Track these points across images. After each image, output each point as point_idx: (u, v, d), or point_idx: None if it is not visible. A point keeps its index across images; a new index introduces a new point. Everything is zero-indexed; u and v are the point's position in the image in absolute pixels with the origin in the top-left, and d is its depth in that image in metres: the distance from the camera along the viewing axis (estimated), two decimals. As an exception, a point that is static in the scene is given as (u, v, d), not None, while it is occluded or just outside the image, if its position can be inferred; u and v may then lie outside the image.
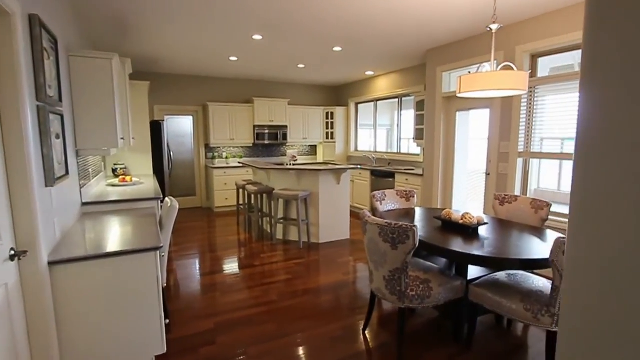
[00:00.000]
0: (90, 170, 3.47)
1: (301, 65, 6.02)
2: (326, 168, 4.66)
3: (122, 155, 5.08)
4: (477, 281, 2.41)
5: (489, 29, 2.62)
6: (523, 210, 3.12)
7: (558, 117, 3.70)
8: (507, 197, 3.26)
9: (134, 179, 4.14)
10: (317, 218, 4.80)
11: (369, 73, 6.79)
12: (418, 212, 3.25)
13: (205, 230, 5.53)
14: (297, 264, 4.01)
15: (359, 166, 4.93)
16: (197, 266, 3.98)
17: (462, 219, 2.67)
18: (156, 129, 5.29)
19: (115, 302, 1.90)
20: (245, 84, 7.40)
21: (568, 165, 4.67)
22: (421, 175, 5.28)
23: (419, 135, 5.70)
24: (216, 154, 7.19)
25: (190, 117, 7.05)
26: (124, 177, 4.02)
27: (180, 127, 7.00)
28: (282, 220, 4.92)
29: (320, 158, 8.31)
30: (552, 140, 3.80)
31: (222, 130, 6.92)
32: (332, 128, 7.99)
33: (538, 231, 2.65)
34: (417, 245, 2.15)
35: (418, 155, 6.17)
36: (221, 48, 4.83)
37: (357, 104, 7.93)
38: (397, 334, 2.51)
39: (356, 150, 8.01)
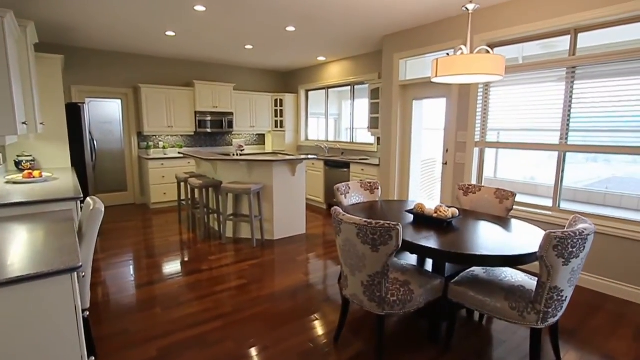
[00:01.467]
0: (-20, 163, 2.70)
1: (249, 46, 5.49)
2: (281, 159, 4.28)
3: (29, 145, 4.18)
4: (456, 279, 2.25)
5: (465, 9, 2.44)
6: (487, 200, 3.05)
7: (510, 109, 3.72)
8: (470, 187, 3.18)
9: (44, 174, 3.37)
10: (272, 213, 4.41)
11: (321, 59, 6.46)
12: (385, 206, 3.04)
13: (140, 230, 4.84)
14: (251, 266, 3.61)
15: (315, 156, 4.62)
16: (132, 276, 3.38)
17: (435, 213, 2.50)
18: (74, 113, 4.44)
19: (17, 344, 1.37)
20: (185, 65, 6.63)
21: (508, 154, 4.83)
22: (377, 165, 5.13)
23: (373, 124, 5.54)
24: (151, 144, 6.38)
25: (118, 101, 6.13)
26: (30, 171, 3.25)
27: (106, 111, 6.06)
28: (232, 217, 4.45)
29: (269, 148, 7.85)
30: (507, 132, 3.84)
31: (158, 117, 6.14)
32: (281, 116, 7.56)
33: (504, 222, 2.57)
34: (400, 246, 1.90)
35: (372, 144, 6.03)
36: (156, 19, 4.14)
37: (307, 91, 7.57)
38: (376, 345, 2.28)
39: (307, 139, 7.69)
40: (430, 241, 2.10)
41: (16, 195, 2.64)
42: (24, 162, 3.95)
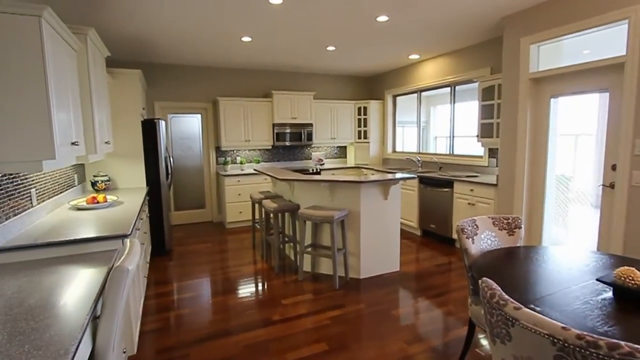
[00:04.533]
0: (33, 190, 2.37)
1: (331, 48, 4.80)
2: (371, 179, 3.41)
3: (105, 164, 4.01)
4: None
5: None
6: None
7: None
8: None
9: (108, 198, 3.04)
10: (358, 245, 3.56)
11: (414, 57, 5.49)
12: (542, 260, 1.95)
13: (212, 256, 4.40)
14: (333, 320, 2.79)
15: (415, 176, 3.67)
16: (190, 324, 2.82)
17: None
18: (150, 130, 4.20)
19: None
20: (263, 75, 6.25)
21: None
22: (494, 185, 3.94)
23: (485, 132, 4.36)
24: (229, 159, 6.08)
25: (198, 116, 5.96)
26: (94, 196, 2.92)
27: (187, 127, 5.93)
28: (310, 249, 3.72)
29: (351, 161, 7.06)
30: None
31: (236, 131, 5.79)
32: (365, 126, 6.73)
33: None
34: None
35: (481, 157, 4.82)
36: (230, 20, 3.67)
37: (395, 97, 6.63)
38: None
39: (394, 151, 6.72)
40: None
41: (68, 224, 2.24)
42: (99, 182, 3.76)
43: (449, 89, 5.40)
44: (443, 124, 7.16)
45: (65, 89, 2.14)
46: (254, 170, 4.71)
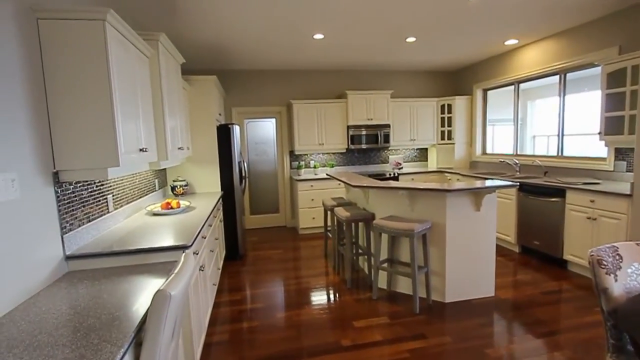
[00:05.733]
0: (110, 196, 2.43)
1: (411, 39, 4.33)
2: (461, 187, 2.88)
3: (183, 169, 4.15)
4: None
5: None
6: None
7: None
8: None
9: (182, 204, 3.05)
10: (443, 264, 3.05)
11: (511, 43, 4.70)
12: None
13: (283, 264, 4.26)
14: (412, 354, 2.36)
15: (516, 183, 3.00)
16: (259, 337, 2.64)
17: None
18: (224, 135, 4.23)
19: None
20: (336, 75, 6.01)
21: None
22: (627, 195, 3.07)
23: (611, 128, 3.46)
24: (302, 163, 5.96)
25: (273, 120, 5.96)
26: (169, 201, 2.95)
27: (262, 132, 5.97)
28: (386, 264, 3.32)
29: (432, 165, 6.42)
30: None
31: (309, 134, 5.64)
32: (449, 125, 6.04)
33: None
34: None
35: (603, 160, 3.88)
36: (303, 18, 3.48)
37: (485, 91, 5.83)
38: None
39: (484, 153, 5.90)
40: None
41: (139, 231, 2.23)
42: (178, 187, 3.88)
43: (557, 77, 4.50)
44: (543, 121, 6.13)
45: (134, 95, 2.12)
46: (327, 175, 4.47)
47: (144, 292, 1.49)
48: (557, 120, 4.49)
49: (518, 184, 3.03)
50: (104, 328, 1.20)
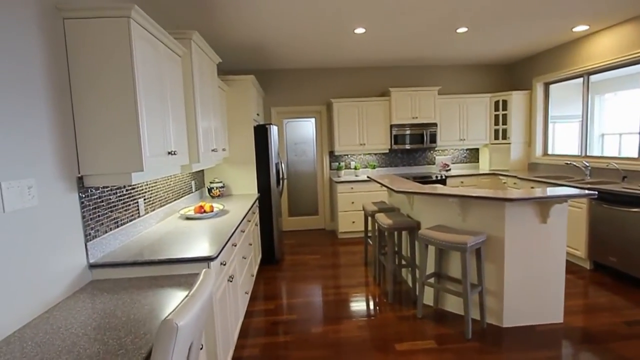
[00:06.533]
0: (141, 200, 2.36)
1: (462, 29, 3.93)
2: (524, 196, 2.49)
3: (221, 170, 4.09)
4: None
5: None
6: None
7: None
8: None
9: (215, 207, 2.94)
10: (500, 283, 2.67)
11: (580, 29, 4.11)
12: None
13: (320, 271, 4.05)
14: (467, 389, 2.04)
15: (594, 192, 2.53)
16: (291, 355, 2.45)
17: None
18: (261, 135, 4.12)
19: None
20: (378, 72, 5.69)
21: None
22: None
23: None
24: (342, 164, 5.72)
25: (312, 120, 5.79)
26: (202, 204, 2.86)
27: (301, 132, 5.81)
28: (433, 279, 2.99)
29: (484, 167, 5.89)
30: None
31: (350, 134, 5.39)
32: (504, 123, 5.49)
33: None
34: None
35: (703, 163, 3.22)
36: (342, 11, 3.24)
37: (547, 85, 5.21)
38: None
39: (545, 154, 5.28)
40: None
41: (169, 238, 2.14)
42: (215, 188, 3.82)
43: (636, 67, 3.85)
44: (614, 117, 5.40)
45: (162, 95, 2.01)
46: (367, 177, 4.19)
47: (158, 313, 1.34)
48: (637, 116, 3.85)
49: (596, 193, 2.56)
50: (107, 358, 1.06)
